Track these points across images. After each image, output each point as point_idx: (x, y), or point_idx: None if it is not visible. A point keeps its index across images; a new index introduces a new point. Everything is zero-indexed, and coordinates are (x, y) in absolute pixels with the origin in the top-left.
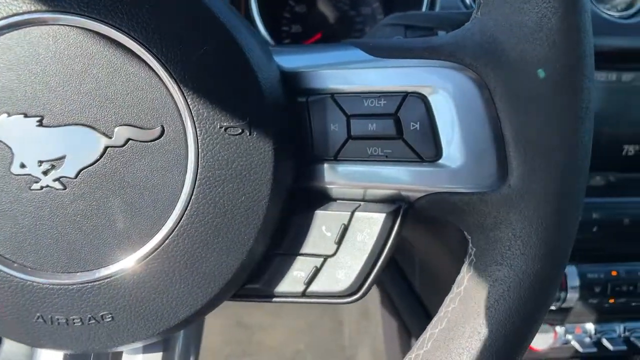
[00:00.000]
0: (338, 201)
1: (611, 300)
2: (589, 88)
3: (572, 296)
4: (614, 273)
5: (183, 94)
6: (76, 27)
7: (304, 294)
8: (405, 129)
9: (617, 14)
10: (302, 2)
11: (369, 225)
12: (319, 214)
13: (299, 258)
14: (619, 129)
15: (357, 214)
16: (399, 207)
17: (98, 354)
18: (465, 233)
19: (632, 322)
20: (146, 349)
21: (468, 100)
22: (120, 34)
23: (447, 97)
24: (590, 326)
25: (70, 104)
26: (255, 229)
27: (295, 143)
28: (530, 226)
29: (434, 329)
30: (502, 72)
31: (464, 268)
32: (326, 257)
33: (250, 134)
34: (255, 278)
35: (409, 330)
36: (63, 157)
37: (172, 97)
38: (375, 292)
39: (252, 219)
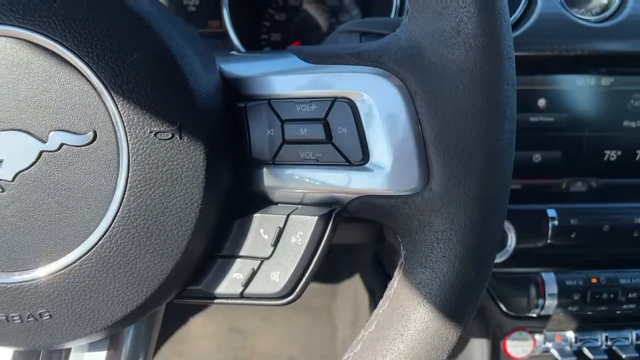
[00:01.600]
0: (279, 205)
1: (591, 309)
2: (507, 91)
3: (550, 303)
4: (593, 280)
5: (114, 100)
6: (11, 37)
7: (241, 296)
8: (334, 133)
9: (593, 18)
10: (281, 10)
11: (302, 228)
12: (258, 217)
13: (239, 260)
14: (600, 134)
15: (291, 216)
16: (331, 210)
17: (49, 352)
18: (398, 236)
19: (615, 331)
20: (92, 347)
21: (391, 105)
22: (54, 43)
23: (372, 102)
24: (570, 334)
25: (6, 110)
26: (188, 231)
27: (233, 147)
28: (451, 229)
29: (365, 331)
30: (422, 76)
31: (396, 271)
32: (263, 260)
33: (180, 139)
34: (197, 279)
35: None
36: (0, 161)
37: (104, 104)
38: (365, 298)
39: (184, 221)
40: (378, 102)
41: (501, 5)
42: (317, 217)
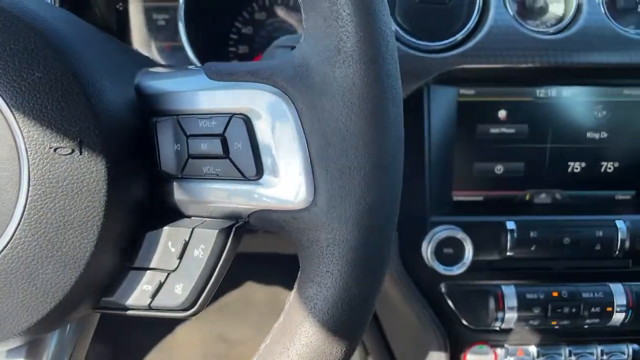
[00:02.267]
0: (191, 218)
1: (554, 322)
2: (388, 108)
3: (511, 317)
4: (554, 294)
5: (15, 117)
6: None
7: (149, 307)
8: (231, 149)
9: (548, 30)
10: (248, 24)
11: (204, 241)
12: (167, 230)
13: (149, 272)
14: (563, 145)
15: (196, 230)
16: (232, 224)
17: None
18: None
19: (580, 345)
20: (9, 354)
21: (281, 122)
22: None
23: (264, 119)
24: (533, 349)
25: None
26: (90, 244)
27: (144, 162)
28: (335, 244)
29: (262, 344)
30: (308, 94)
31: (295, 285)
32: (169, 272)
33: (81, 154)
34: (111, 291)
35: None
36: None
37: (6, 120)
38: None
39: (86, 234)
40: (269, 119)
41: (380, 24)
42: (217, 230)
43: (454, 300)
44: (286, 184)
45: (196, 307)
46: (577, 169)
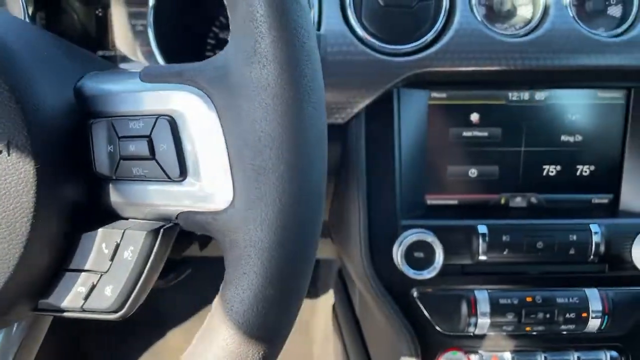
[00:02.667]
0: (129, 219)
1: (528, 328)
2: (302, 109)
3: (483, 322)
4: (528, 299)
5: None
6: None
7: (82, 310)
8: (157, 150)
9: (516, 32)
10: (226, 29)
11: (133, 243)
12: (101, 231)
13: (84, 274)
14: (538, 148)
15: (127, 231)
16: (161, 226)
17: None
18: None
19: (555, 352)
20: None
21: (203, 123)
22: None
23: (187, 120)
24: (507, 355)
25: None
26: (19, 245)
27: (79, 163)
28: (251, 246)
29: (190, 346)
30: (227, 95)
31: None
32: (102, 274)
33: (9, 155)
34: (47, 292)
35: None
36: None
37: None
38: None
39: (15, 235)
40: (192, 120)
41: (295, 25)
42: (145, 232)
43: (426, 305)
44: (207, 185)
45: (125, 309)
46: (552, 172)
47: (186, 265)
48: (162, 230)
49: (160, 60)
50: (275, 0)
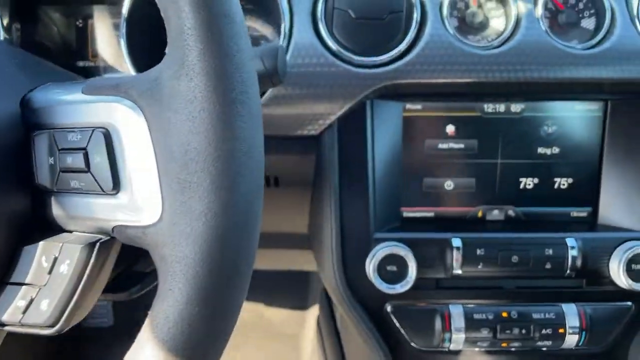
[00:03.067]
0: (73, 232)
1: (504, 344)
2: (230, 123)
3: (458, 338)
4: (504, 314)
5: None
6: None
7: (21, 324)
8: (92, 163)
9: (490, 45)
10: None
11: (70, 257)
12: (42, 244)
13: (24, 287)
14: (514, 161)
15: (65, 245)
16: (98, 239)
17: None
18: None
19: None
20: None
21: (134, 136)
22: None
23: (120, 132)
24: None
25: None
26: None
27: (20, 175)
28: (177, 262)
29: None
30: (157, 108)
31: None
32: (40, 288)
33: None
34: None
35: None
36: None
37: None
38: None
39: None
40: (125, 133)
41: (223, 38)
42: (81, 246)
43: (401, 320)
44: (138, 199)
45: (60, 324)
46: (529, 185)
47: (153, 277)
48: (98, 244)
49: (132, 71)
50: (203, 13)
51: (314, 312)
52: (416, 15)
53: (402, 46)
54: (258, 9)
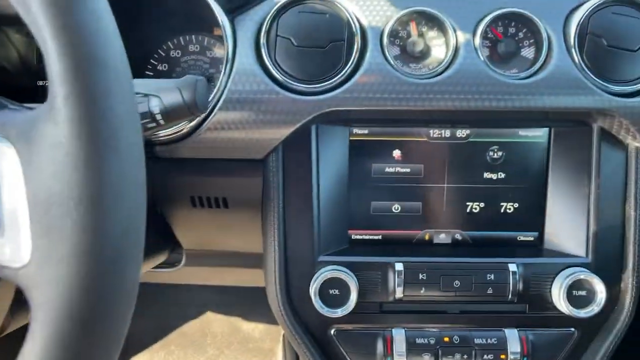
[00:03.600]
0: None
1: None
2: (96, 167)
3: None
4: (445, 339)
5: None
6: None
7: None
8: None
9: (429, 73)
10: (164, 61)
11: None
12: None
13: None
14: (461, 185)
15: None
16: None
17: None
18: None
19: None
20: None
21: (9, 175)
22: None
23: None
24: None
25: None
26: None
27: None
28: (40, 308)
29: None
30: (29, 149)
31: None
32: None
33: None
34: None
35: None
36: None
37: None
38: None
39: None
40: (3, 173)
41: (89, 83)
42: None
43: (344, 343)
44: (9, 241)
45: None
46: (475, 209)
47: None
48: None
49: None
50: (69, 58)
51: None
52: (357, 44)
53: (343, 74)
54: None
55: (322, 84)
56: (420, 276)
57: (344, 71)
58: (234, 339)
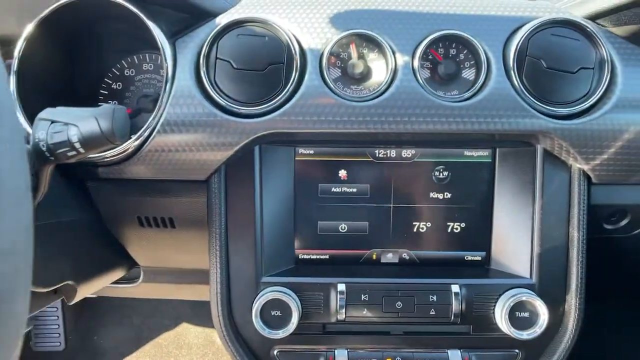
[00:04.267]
0: None
1: None
2: None
3: None
4: (388, 359)
5: None
6: None
7: None
8: None
9: (367, 96)
10: (118, 80)
11: None
12: None
13: None
14: (407, 205)
15: None
16: None
17: None
18: None
19: None
20: None
21: None
22: None
23: None
24: None
25: None
26: None
27: None
28: None
29: None
30: None
31: None
32: None
33: None
34: None
35: None
36: None
37: None
38: None
39: None
40: None
41: None
42: None
43: None
44: None
45: None
46: (422, 229)
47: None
48: None
49: (19, 112)
50: None
51: None
52: (296, 67)
53: (281, 97)
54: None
55: (261, 107)
56: (363, 297)
57: (282, 94)
58: (209, 350)
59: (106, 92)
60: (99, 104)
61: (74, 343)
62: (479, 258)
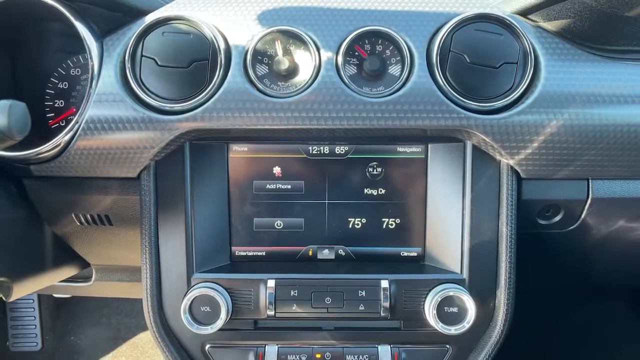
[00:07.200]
0: None
1: None
2: None
3: None
4: (317, 355)
5: None
6: None
7: None
8: None
9: (295, 91)
10: (64, 79)
11: None
12: None
13: None
14: (341, 201)
15: None
16: None
17: None
18: None
19: None
20: None
21: None
22: None
23: None
24: None
25: None
26: None
27: None
28: None
29: None
30: None
31: None
32: None
33: None
34: None
35: None
36: None
37: None
38: None
39: None
40: None
41: None
42: None
43: (218, 359)
44: None
45: None
46: (358, 225)
47: None
48: None
49: None
50: None
51: None
52: (220, 64)
53: (205, 94)
54: None
55: (185, 104)
56: (292, 293)
57: (206, 91)
58: None
59: (52, 92)
60: (46, 103)
61: (50, 343)
62: (415, 254)
